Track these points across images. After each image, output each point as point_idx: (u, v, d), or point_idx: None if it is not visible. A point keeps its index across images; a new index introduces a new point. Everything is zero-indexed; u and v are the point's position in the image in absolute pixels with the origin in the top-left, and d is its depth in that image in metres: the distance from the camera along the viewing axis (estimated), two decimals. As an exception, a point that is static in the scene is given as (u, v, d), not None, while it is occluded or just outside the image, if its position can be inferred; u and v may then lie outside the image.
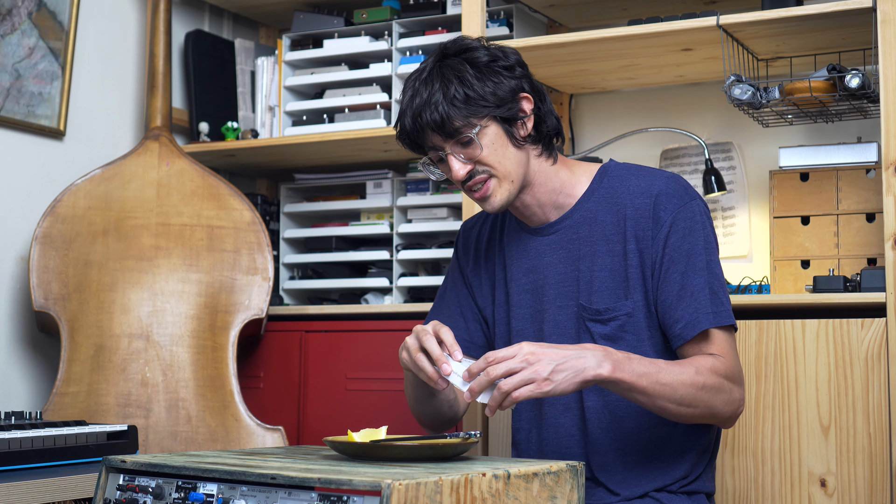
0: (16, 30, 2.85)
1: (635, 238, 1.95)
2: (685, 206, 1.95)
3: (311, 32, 3.24)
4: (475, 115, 1.91)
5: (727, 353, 1.91)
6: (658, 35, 2.58)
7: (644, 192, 1.97)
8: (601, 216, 1.99)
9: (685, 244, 1.93)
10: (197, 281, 2.88)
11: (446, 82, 1.91)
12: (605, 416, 1.97)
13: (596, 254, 1.98)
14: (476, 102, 1.90)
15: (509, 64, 1.96)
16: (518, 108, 1.94)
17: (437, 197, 3.12)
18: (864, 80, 2.46)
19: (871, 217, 2.57)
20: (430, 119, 1.90)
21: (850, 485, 2.32)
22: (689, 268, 1.92)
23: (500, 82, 1.93)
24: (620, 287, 1.96)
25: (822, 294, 2.39)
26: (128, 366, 2.77)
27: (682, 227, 1.93)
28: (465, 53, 1.95)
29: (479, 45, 1.97)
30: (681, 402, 1.84)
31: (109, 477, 1.70)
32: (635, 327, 1.95)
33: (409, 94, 1.95)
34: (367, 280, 3.18)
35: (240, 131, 3.29)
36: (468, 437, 1.76)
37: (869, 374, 2.32)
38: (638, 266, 1.95)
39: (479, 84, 1.91)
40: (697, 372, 1.85)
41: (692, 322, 1.90)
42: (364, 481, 1.43)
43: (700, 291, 1.91)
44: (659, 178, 1.98)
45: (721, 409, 1.89)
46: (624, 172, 2.02)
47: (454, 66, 1.93)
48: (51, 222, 2.83)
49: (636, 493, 1.95)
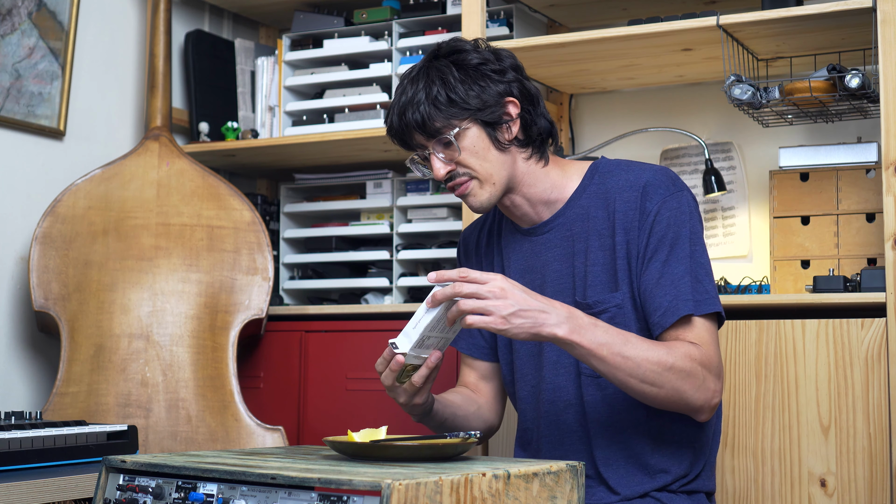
0: (16, 30, 2.85)
1: (623, 230, 1.96)
2: (671, 196, 1.95)
3: (311, 32, 3.24)
4: (455, 116, 1.93)
5: (707, 342, 1.90)
6: (658, 35, 2.58)
7: (632, 185, 1.97)
8: (593, 212, 2.00)
9: (669, 233, 1.93)
10: (197, 281, 2.88)
11: (430, 83, 1.94)
12: (603, 410, 1.97)
13: (589, 249, 1.99)
14: (456, 105, 1.92)
15: (500, 68, 1.97)
16: (502, 112, 1.96)
17: (437, 197, 3.12)
18: (864, 80, 2.46)
19: (871, 217, 2.57)
20: (412, 118, 1.94)
21: (850, 485, 2.32)
22: (672, 256, 1.92)
23: (486, 86, 1.94)
24: (610, 280, 1.97)
25: (822, 294, 2.39)
26: (128, 366, 2.77)
27: (666, 216, 1.93)
28: (456, 55, 1.97)
29: (471, 48, 1.98)
30: (644, 379, 1.82)
31: (109, 477, 1.70)
32: (624, 319, 1.95)
33: (399, 91, 1.98)
34: (367, 280, 3.18)
35: (240, 131, 3.29)
36: (468, 437, 1.76)
37: (869, 374, 2.32)
38: (625, 257, 1.95)
39: (462, 87, 1.93)
40: (668, 352, 1.83)
41: (671, 309, 1.89)
42: (364, 481, 1.43)
43: (681, 279, 1.90)
44: (647, 170, 1.99)
45: (691, 395, 1.86)
46: (614, 168, 2.03)
47: (441, 67, 1.95)
48: (51, 222, 2.83)
49: (637, 493, 1.95)
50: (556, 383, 2.02)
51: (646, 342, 1.85)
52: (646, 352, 1.83)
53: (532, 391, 2.07)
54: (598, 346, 1.80)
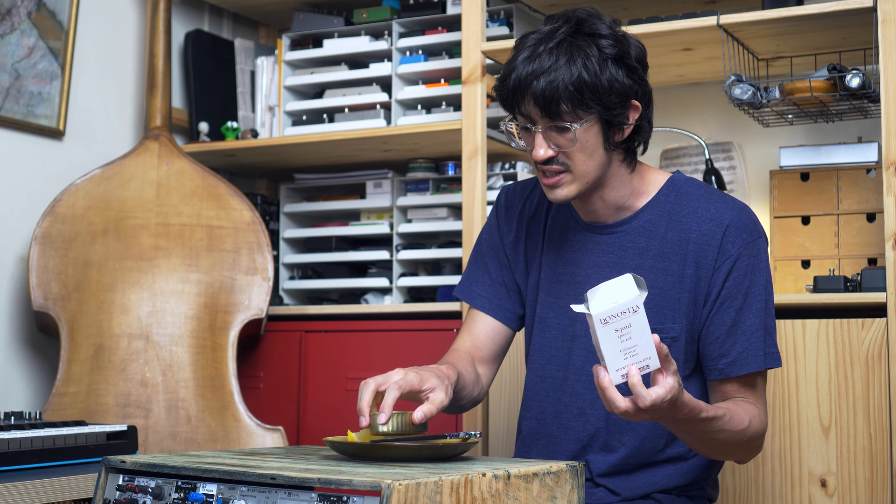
0: (15, 29, 2.85)
1: (696, 263, 1.89)
2: (753, 243, 1.89)
3: (311, 32, 3.24)
4: (586, 108, 1.79)
5: (761, 400, 1.91)
6: (658, 35, 2.58)
7: (714, 220, 1.89)
8: (662, 231, 1.92)
9: (746, 281, 1.88)
10: (197, 281, 2.88)
11: (572, 61, 1.78)
12: (614, 421, 1.95)
13: (646, 267, 1.92)
14: (596, 97, 1.79)
15: (632, 64, 1.84)
16: (625, 115, 1.84)
17: (437, 197, 3.12)
18: (865, 80, 2.46)
19: (871, 217, 2.57)
20: (540, 88, 1.78)
21: (850, 485, 2.32)
22: (747, 305, 1.87)
23: (619, 81, 1.81)
24: (669, 308, 1.90)
25: (822, 294, 2.39)
26: (127, 366, 2.77)
27: (746, 262, 1.88)
28: (597, 39, 1.81)
29: (608, 32, 1.82)
30: (716, 451, 1.86)
31: (109, 477, 1.70)
32: (676, 352, 1.90)
33: (527, 54, 1.82)
34: (367, 280, 3.18)
35: (239, 131, 3.29)
36: (468, 437, 1.76)
37: (869, 374, 2.32)
38: (691, 292, 1.89)
39: (606, 80, 1.79)
40: (747, 429, 1.83)
41: (741, 361, 1.86)
42: (364, 481, 1.43)
43: (754, 332, 1.87)
44: (731, 207, 1.90)
45: (746, 457, 1.94)
46: (693, 191, 1.94)
47: (585, 47, 1.80)
48: (50, 222, 2.83)
49: (638, 494, 1.95)
50: (575, 390, 1.97)
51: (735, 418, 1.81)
52: (732, 433, 1.80)
53: (550, 385, 2.01)
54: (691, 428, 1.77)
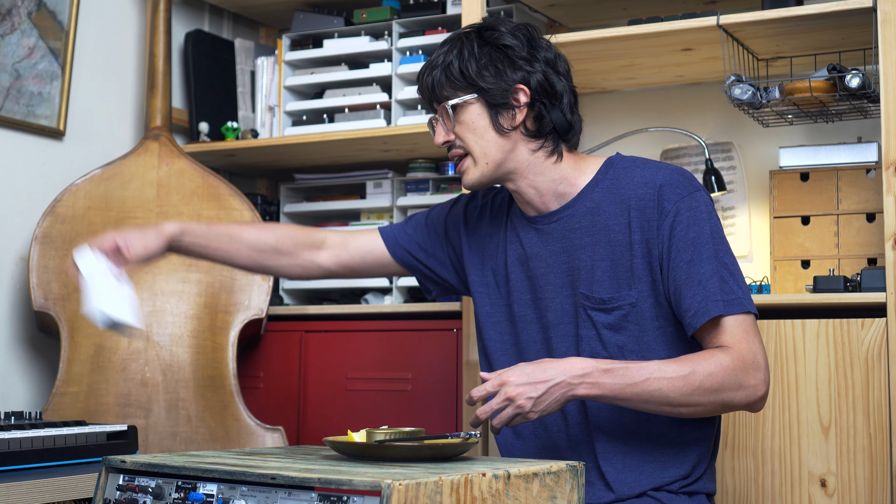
0: (15, 30, 2.85)
1: (640, 229, 1.95)
2: (689, 196, 1.94)
3: (311, 32, 3.24)
4: (460, 88, 1.97)
5: (740, 338, 1.89)
6: (658, 35, 2.58)
7: (648, 183, 1.97)
8: (604, 207, 1.99)
9: (690, 233, 1.92)
10: (197, 281, 2.88)
11: (451, 51, 1.99)
12: (605, 410, 1.97)
13: (597, 243, 1.98)
14: (464, 78, 1.96)
15: (529, 57, 1.98)
16: (510, 98, 1.97)
17: (437, 197, 3.12)
18: (865, 80, 2.46)
19: (871, 217, 2.57)
20: (426, 80, 2.01)
21: (850, 485, 2.32)
22: (696, 256, 1.91)
23: (502, 70, 1.96)
24: (624, 277, 1.96)
25: (822, 294, 2.39)
26: (128, 366, 2.77)
27: (686, 216, 1.93)
28: (489, 32, 1.99)
29: (508, 30, 1.99)
30: (677, 404, 1.84)
31: (109, 477, 1.70)
32: (639, 318, 1.95)
33: (434, 52, 2.03)
34: (367, 280, 3.18)
35: (240, 131, 3.29)
36: (468, 437, 1.76)
37: (869, 374, 2.32)
38: (644, 256, 1.95)
39: (474, 63, 1.96)
40: (693, 371, 1.83)
41: (700, 311, 1.89)
42: (364, 481, 1.43)
43: (708, 279, 1.89)
44: (663, 169, 1.98)
45: (732, 400, 1.87)
46: (629, 164, 2.02)
47: (468, 39, 1.99)
48: (50, 222, 2.83)
49: (634, 492, 1.95)
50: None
51: (667, 367, 1.85)
52: (670, 381, 1.83)
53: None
54: (620, 390, 1.83)
